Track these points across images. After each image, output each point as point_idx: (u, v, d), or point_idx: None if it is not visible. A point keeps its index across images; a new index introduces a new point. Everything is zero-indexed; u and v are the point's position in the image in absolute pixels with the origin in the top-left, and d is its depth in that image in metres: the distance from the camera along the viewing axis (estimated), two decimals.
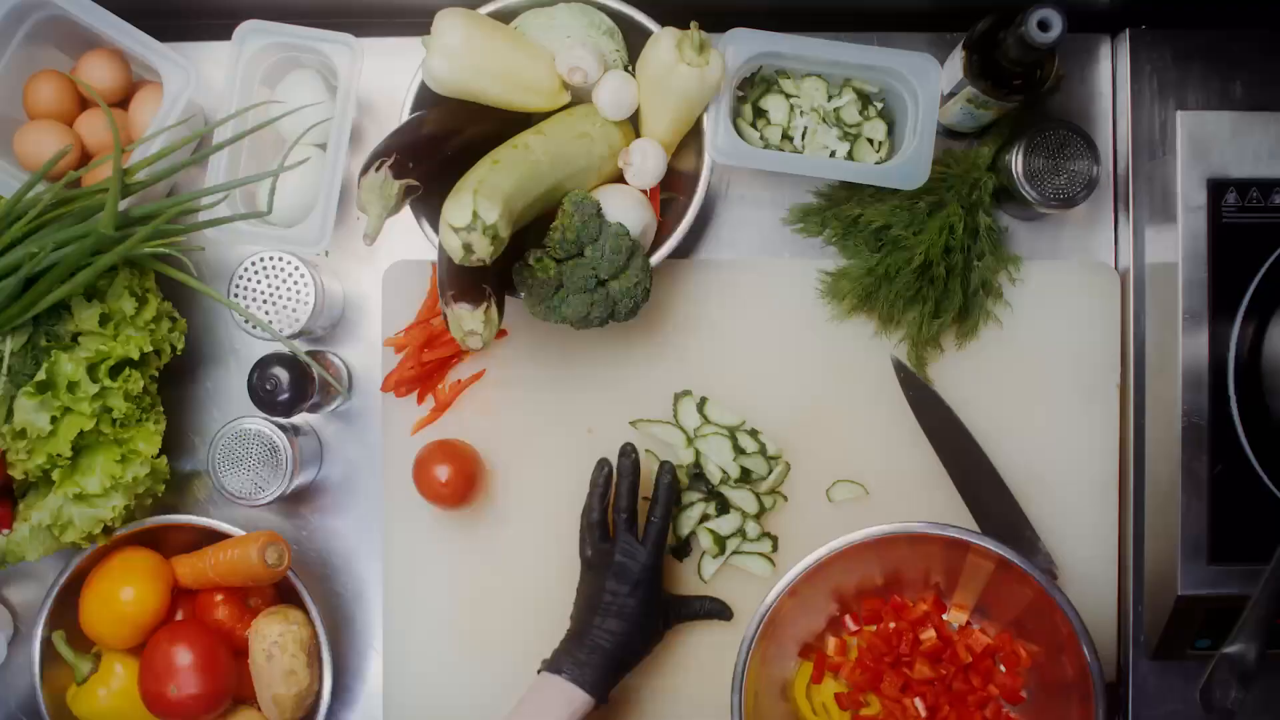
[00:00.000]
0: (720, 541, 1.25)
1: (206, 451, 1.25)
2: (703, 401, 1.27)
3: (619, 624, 1.15)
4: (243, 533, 1.22)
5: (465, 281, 1.07)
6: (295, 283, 1.21)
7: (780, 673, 1.23)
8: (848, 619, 1.24)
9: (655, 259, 1.17)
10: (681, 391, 1.27)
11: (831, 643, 1.24)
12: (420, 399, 1.29)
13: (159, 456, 1.18)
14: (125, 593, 1.20)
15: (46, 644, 1.21)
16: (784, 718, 1.22)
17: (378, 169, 1.01)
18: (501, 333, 1.28)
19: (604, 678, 1.14)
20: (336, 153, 1.19)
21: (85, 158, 1.25)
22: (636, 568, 1.16)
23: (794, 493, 1.28)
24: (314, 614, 1.22)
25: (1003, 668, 1.21)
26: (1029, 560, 1.11)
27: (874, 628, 1.23)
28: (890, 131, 1.24)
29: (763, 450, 1.25)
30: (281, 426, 1.24)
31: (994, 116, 1.22)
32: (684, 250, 1.31)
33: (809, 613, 1.21)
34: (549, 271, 1.12)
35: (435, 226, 1.15)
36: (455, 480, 1.21)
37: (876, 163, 1.23)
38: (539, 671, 1.16)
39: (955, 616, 1.23)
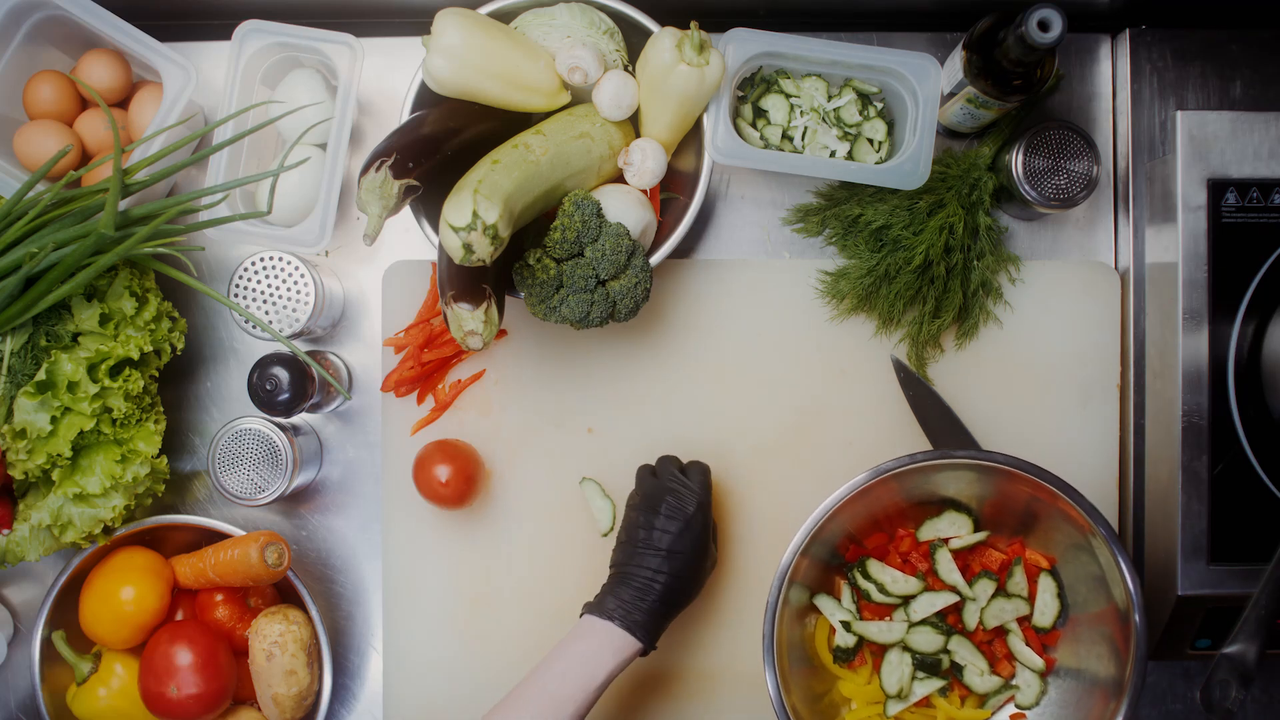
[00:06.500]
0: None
1: (206, 451, 1.25)
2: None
3: (670, 565, 1.10)
4: (243, 533, 1.22)
5: (465, 281, 1.07)
6: (295, 283, 1.21)
7: (801, 631, 1.23)
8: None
9: (655, 259, 1.17)
10: (582, 479, 1.28)
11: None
12: (420, 399, 1.29)
13: (159, 456, 1.18)
14: (125, 593, 1.20)
15: (46, 644, 1.21)
16: (809, 676, 1.22)
17: (378, 169, 1.01)
18: (501, 333, 1.28)
19: (654, 622, 1.09)
20: (336, 153, 1.19)
21: (85, 158, 1.25)
22: (689, 507, 1.13)
23: (796, 491, 1.28)
24: (314, 614, 1.22)
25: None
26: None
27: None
28: (890, 131, 1.24)
29: None
30: (281, 426, 1.24)
31: (994, 116, 1.22)
32: (684, 250, 1.31)
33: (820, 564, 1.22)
34: (549, 271, 1.12)
35: (435, 226, 1.15)
36: (455, 480, 1.21)
37: (876, 163, 1.23)
38: (582, 615, 1.11)
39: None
